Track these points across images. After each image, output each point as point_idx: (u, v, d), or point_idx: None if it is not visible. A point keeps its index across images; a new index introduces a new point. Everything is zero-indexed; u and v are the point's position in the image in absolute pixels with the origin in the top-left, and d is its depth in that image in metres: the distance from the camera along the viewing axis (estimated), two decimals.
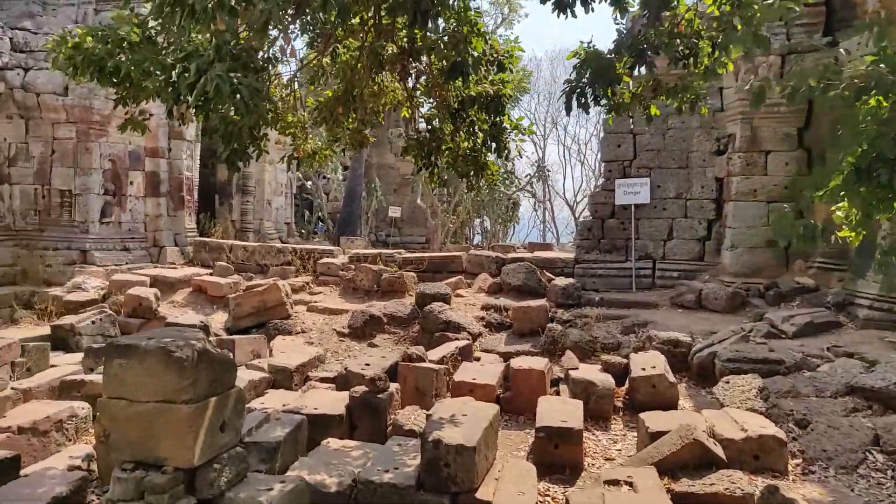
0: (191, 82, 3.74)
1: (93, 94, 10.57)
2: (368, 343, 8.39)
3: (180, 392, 3.52)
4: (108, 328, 8.36)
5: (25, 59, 10.76)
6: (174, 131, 12.20)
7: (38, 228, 10.94)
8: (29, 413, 5.22)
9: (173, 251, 11.95)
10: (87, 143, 10.77)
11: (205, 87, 3.59)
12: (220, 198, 14.28)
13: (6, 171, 10.80)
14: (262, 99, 4.32)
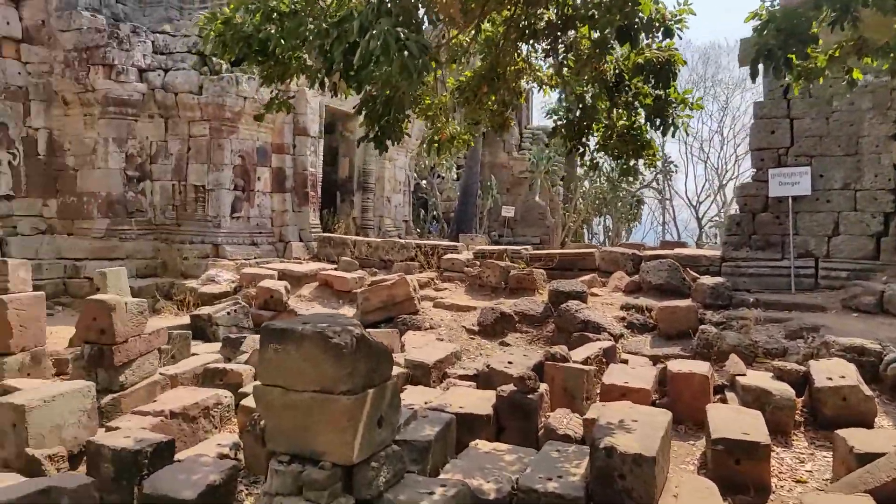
0: (350, 43, 3.46)
1: (225, 92, 10.85)
2: (500, 342, 7.99)
3: (339, 381, 3.23)
4: (242, 319, 8.44)
5: (165, 61, 11.20)
6: (299, 128, 12.37)
7: (176, 223, 11.37)
8: (178, 399, 5.20)
9: (298, 246, 12.09)
10: (220, 140, 11.07)
11: (368, 46, 3.29)
12: (342, 194, 14.39)
13: (148, 168, 11.29)
14: (432, 58, 3.99)
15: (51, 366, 6.85)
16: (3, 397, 4.16)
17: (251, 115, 11.34)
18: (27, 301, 6.61)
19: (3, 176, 10.55)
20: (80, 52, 10.45)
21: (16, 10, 10.69)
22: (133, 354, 5.56)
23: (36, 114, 10.91)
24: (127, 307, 5.45)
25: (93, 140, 10.87)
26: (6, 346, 6.37)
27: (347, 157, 14.39)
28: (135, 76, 10.68)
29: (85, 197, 10.96)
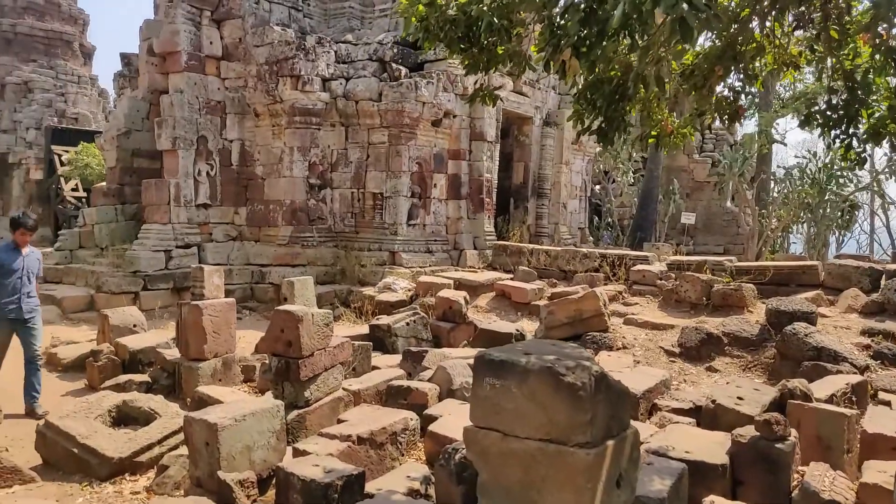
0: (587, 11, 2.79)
1: (404, 98, 10.70)
2: (706, 366, 6.94)
3: (574, 430, 2.56)
4: (421, 331, 8.10)
5: (347, 70, 11.31)
6: (475, 132, 11.98)
7: (354, 230, 11.42)
8: (364, 420, 4.82)
9: (473, 254, 11.68)
10: (398, 147, 10.94)
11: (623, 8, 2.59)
12: (516, 201, 13.85)
13: (329, 176, 11.46)
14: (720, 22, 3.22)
15: (239, 372, 6.88)
16: (197, 413, 3.96)
17: (429, 120, 11.14)
18: (220, 307, 6.68)
19: (202, 185, 11.18)
20: (271, 65, 10.81)
21: (217, 30, 11.33)
22: (318, 368, 5.30)
23: (231, 126, 11.48)
24: (313, 318, 5.19)
25: (280, 149, 11.21)
26: (200, 351, 6.46)
27: (522, 162, 13.82)
28: (318, 86, 10.86)
29: (271, 205, 11.33)
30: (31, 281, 6.03)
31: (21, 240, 5.99)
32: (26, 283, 5.96)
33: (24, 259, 5.97)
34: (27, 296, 5.96)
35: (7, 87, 24.57)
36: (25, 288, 5.94)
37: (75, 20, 26.73)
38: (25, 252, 6.03)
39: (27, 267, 5.98)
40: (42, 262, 6.44)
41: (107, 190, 12.55)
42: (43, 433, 4.86)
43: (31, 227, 5.99)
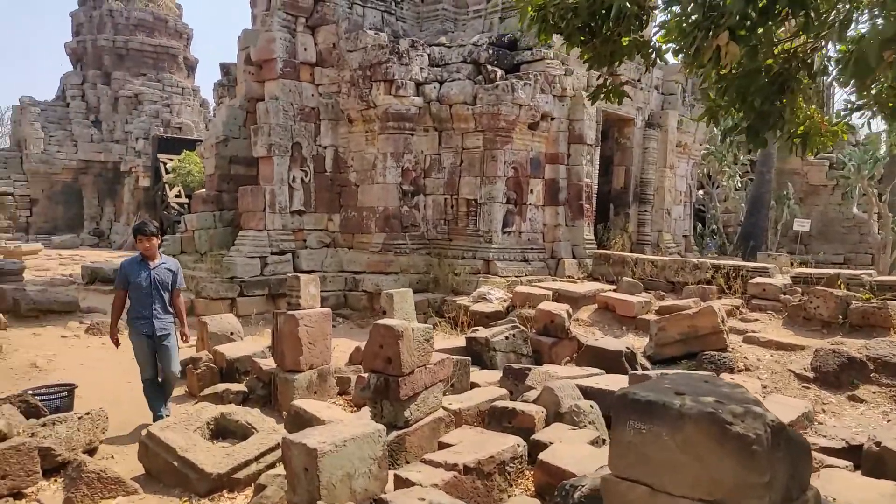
0: None
1: (500, 101, 10.30)
2: (847, 395, 6.16)
3: (746, 493, 2.08)
4: (521, 345, 7.64)
5: (440, 73, 11.03)
6: (574, 135, 11.42)
7: (447, 237, 11.11)
8: (468, 445, 4.43)
9: (571, 264, 11.11)
10: (493, 151, 10.55)
11: None
12: (615, 207, 13.15)
13: (422, 182, 11.21)
14: None
15: (334, 384, 6.66)
16: (296, 436, 3.68)
17: (526, 123, 10.70)
18: (316, 317, 6.47)
19: (297, 192, 11.18)
20: (365, 70, 10.68)
21: (311, 37, 11.33)
22: (418, 387, 4.95)
23: (325, 132, 11.44)
24: (413, 334, 4.85)
25: (373, 155, 11.06)
26: (296, 362, 6.26)
27: (623, 166, 13.11)
28: (412, 90, 10.64)
29: (364, 211, 11.20)
30: (164, 295, 5.57)
31: (144, 249, 5.53)
32: (157, 299, 5.52)
33: (152, 272, 5.52)
34: (158, 312, 5.52)
35: (120, 99, 26.01)
36: (156, 304, 5.51)
37: (180, 35, 28.02)
38: (154, 264, 5.58)
39: (156, 280, 5.53)
40: (178, 271, 5.79)
41: (206, 197, 12.82)
42: (145, 444, 4.77)
43: (148, 233, 5.52)
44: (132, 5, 26.30)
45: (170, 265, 5.73)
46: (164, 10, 27.33)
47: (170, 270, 5.67)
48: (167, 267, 5.69)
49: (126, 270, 5.59)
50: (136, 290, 5.49)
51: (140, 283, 5.47)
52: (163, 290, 5.57)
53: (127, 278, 5.54)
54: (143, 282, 5.47)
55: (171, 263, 5.78)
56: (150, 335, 5.50)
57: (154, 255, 5.62)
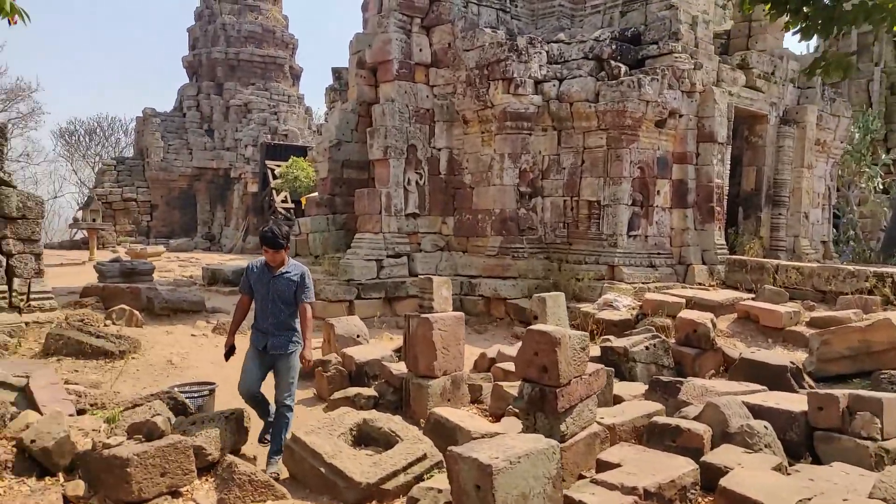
0: None
1: (625, 97, 9.75)
2: None
3: None
4: (662, 356, 7.08)
5: (560, 70, 10.60)
6: (703, 133, 10.68)
7: (567, 241, 10.64)
8: (637, 465, 3.99)
9: (701, 270, 10.37)
10: (618, 150, 9.99)
11: None
12: (745, 210, 12.23)
13: (540, 184, 10.79)
14: None
15: (467, 392, 6.35)
16: (463, 450, 3.37)
17: (652, 121, 10.09)
18: (450, 321, 6.19)
19: (411, 195, 11.03)
20: (482, 69, 10.40)
21: (427, 37, 11.19)
22: (574, 399, 4.54)
23: (439, 134, 11.25)
24: (570, 341, 4.45)
25: (489, 157, 10.75)
26: (430, 368, 6.00)
27: (754, 167, 12.19)
28: (531, 88, 10.26)
29: (480, 214, 10.90)
30: (283, 309, 4.83)
31: (269, 257, 4.84)
32: (273, 313, 4.81)
33: (272, 282, 4.82)
34: (273, 328, 4.83)
35: (231, 109, 27.11)
36: (272, 318, 4.82)
37: (286, 45, 28.94)
38: (277, 272, 4.85)
39: (275, 292, 4.81)
40: (305, 281, 4.91)
41: (319, 200, 12.92)
42: (291, 448, 4.62)
43: (273, 246, 4.78)
44: (243, 18, 27.39)
45: (294, 275, 4.87)
46: (271, 22, 28.29)
47: (293, 281, 4.84)
48: (290, 277, 4.85)
49: (249, 274, 4.97)
50: (257, 298, 4.93)
51: (260, 292, 4.89)
52: (281, 304, 4.82)
53: (250, 282, 4.95)
54: (262, 291, 4.86)
55: (297, 272, 4.90)
56: (264, 349, 4.89)
57: (276, 261, 4.87)
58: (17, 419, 4.49)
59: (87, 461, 4.02)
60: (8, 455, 4.08)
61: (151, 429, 4.14)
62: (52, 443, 4.04)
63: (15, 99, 29.44)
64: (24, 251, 8.26)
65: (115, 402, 5.40)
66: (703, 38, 10.71)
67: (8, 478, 3.97)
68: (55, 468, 4.07)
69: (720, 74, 10.94)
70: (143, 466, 3.93)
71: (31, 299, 8.18)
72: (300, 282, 4.87)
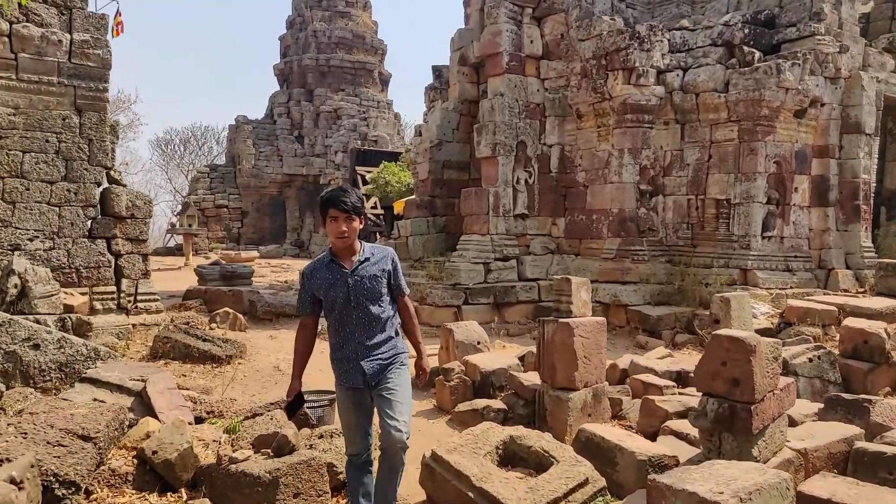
0: None
1: (761, 85, 8.86)
2: None
3: None
4: (827, 370, 6.22)
5: (684, 59, 9.80)
6: (848, 123, 9.63)
7: (691, 243, 9.79)
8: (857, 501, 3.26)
9: (846, 275, 9.31)
10: (752, 143, 9.09)
11: None
12: (889, 210, 11.01)
13: (661, 182, 10.00)
14: None
15: (609, 406, 5.70)
16: (671, 481, 2.75)
17: (791, 111, 9.15)
18: (591, 327, 5.56)
19: (520, 194, 10.47)
20: (599, 59, 9.73)
21: (538, 28, 10.63)
22: (767, 419, 3.85)
23: (550, 130, 10.65)
24: (764, 350, 3.77)
25: (606, 153, 10.05)
26: (570, 379, 5.38)
27: None
28: (653, 79, 9.50)
29: (594, 214, 10.20)
30: (373, 311, 3.25)
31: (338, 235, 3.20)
32: (361, 322, 3.25)
33: (350, 278, 3.23)
34: (365, 344, 3.24)
35: (321, 115, 27.39)
36: (360, 331, 3.25)
37: (376, 50, 29.05)
38: (353, 263, 3.25)
39: (358, 290, 3.23)
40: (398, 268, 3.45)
41: (419, 202, 12.55)
42: (431, 467, 4.11)
43: (344, 207, 3.18)
44: (333, 24, 27.65)
45: (378, 258, 3.33)
46: (361, 28, 28.46)
47: (382, 271, 3.32)
48: (375, 262, 3.30)
49: (309, 282, 3.30)
50: (331, 312, 3.28)
51: (333, 300, 3.23)
52: (370, 306, 3.24)
53: (314, 294, 3.30)
54: (338, 299, 3.22)
55: (381, 255, 3.36)
56: (360, 386, 3.27)
57: (351, 247, 3.26)
58: (136, 427, 4.18)
59: (212, 476, 3.63)
60: (129, 467, 3.75)
61: (282, 443, 3.73)
62: (175, 455, 3.68)
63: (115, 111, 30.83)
64: (133, 251, 8.21)
65: (232, 411, 5.05)
66: (847, 18, 9.67)
67: (129, 493, 3.63)
68: (178, 483, 3.72)
69: (866, 59, 9.85)
70: (276, 485, 3.52)
71: (137, 301, 8.11)
72: (393, 269, 3.38)
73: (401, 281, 3.46)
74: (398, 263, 3.48)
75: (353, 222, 3.23)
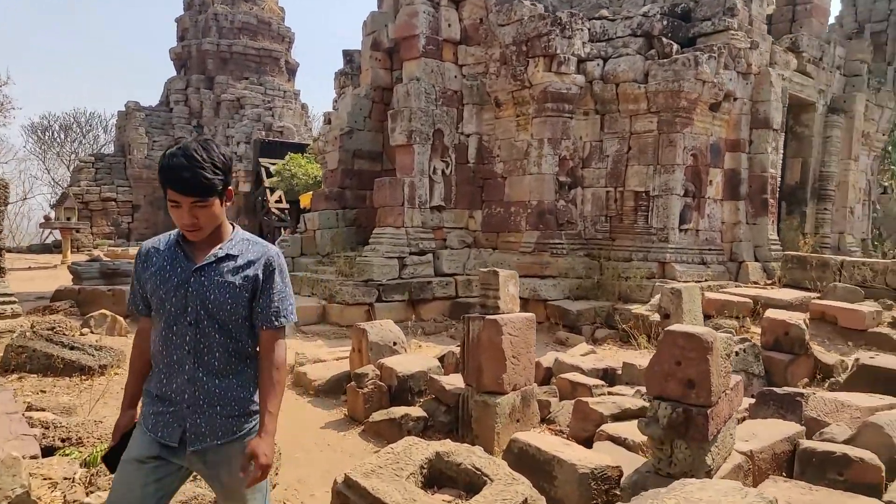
0: None
1: (679, 76, 8.77)
2: None
3: None
4: (752, 363, 6.08)
5: (604, 48, 9.60)
6: (758, 119, 9.75)
7: (609, 236, 9.62)
8: None
9: (755, 267, 9.42)
10: (671, 135, 9.00)
11: None
12: (789, 205, 11.30)
13: (580, 174, 9.77)
14: None
15: (537, 410, 5.30)
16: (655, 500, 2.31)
17: (707, 104, 9.13)
18: (520, 325, 5.14)
19: (437, 185, 9.98)
20: (519, 45, 9.37)
21: (456, 12, 10.15)
22: (720, 423, 3.52)
23: (468, 118, 10.21)
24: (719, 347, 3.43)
25: (525, 143, 9.71)
26: (497, 382, 4.93)
27: (799, 158, 11.28)
28: (574, 67, 9.24)
29: (513, 207, 9.86)
30: (218, 343, 2.10)
31: (182, 218, 2.03)
32: (200, 351, 2.08)
33: (196, 280, 2.08)
34: (202, 391, 2.09)
35: (222, 104, 25.87)
36: (199, 363, 2.09)
37: (283, 38, 27.76)
38: (208, 256, 2.10)
39: (199, 301, 2.07)
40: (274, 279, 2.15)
41: (328, 194, 11.83)
42: (344, 495, 3.50)
43: (190, 191, 1.97)
44: (237, 8, 26.17)
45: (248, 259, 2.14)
46: (267, 13, 27.10)
47: (245, 277, 2.11)
48: (240, 266, 2.12)
49: (142, 266, 2.17)
50: (156, 320, 2.15)
51: (161, 304, 2.10)
52: (217, 325, 2.10)
53: (141, 286, 2.18)
54: (168, 301, 2.09)
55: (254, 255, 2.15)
56: (172, 444, 2.10)
57: (215, 234, 2.12)
58: None
59: None
60: None
61: None
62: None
63: None
64: None
65: (95, 436, 4.09)
66: (757, 16, 9.79)
67: None
68: None
69: (773, 57, 10.02)
70: None
71: None
72: (265, 280, 2.14)
73: (273, 302, 2.13)
74: (279, 273, 2.16)
75: (209, 207, 2.01)
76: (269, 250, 2.19)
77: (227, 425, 2.12)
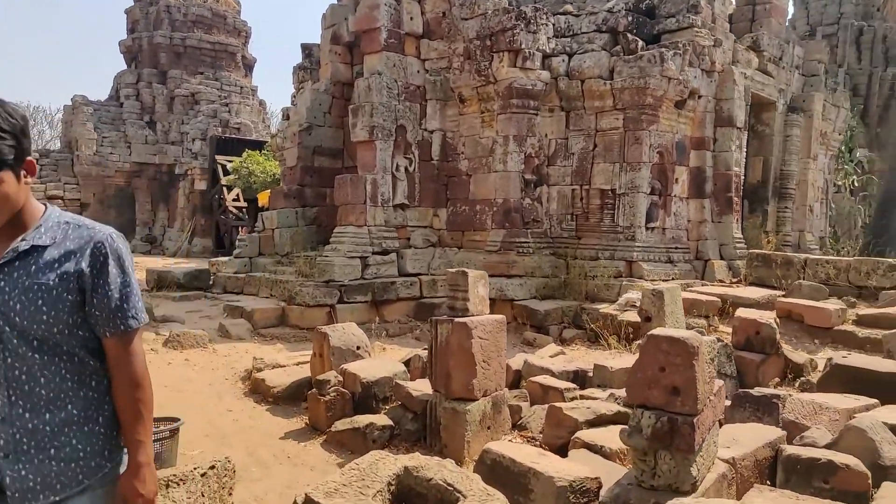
0: None
1: (645, 73, 8.68)
2: None
3: None
4: (725, 364, 5.96)
5: (569, 44, 9.47)
6: (722, 117, 9.74)
7: (575, 235, 9.49)
8: None
9: (721, 266, 9.41)
10: (637, 132, 8.91)
11: None
12: (751, 203, 11.36)
13: (545, 171, 9.61)
14: None
15: (508, 416, 5.08)
16: None
17: (673, 101, 9.06)
18: (490, 327, 4.92)
19: (401, 183, 9.70)
20: (484, 39, 9.16)
21: (418, 4, 9.89)
22: (705, 431, 3.34)
23: (431, 114, 9.96)
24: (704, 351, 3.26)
25: (490, 140, 9.51)
26: (467, 388, 4.70)
27: (761, 157, 11.35)
28: (539, 63, 9.07)
29: (478, 205, 9.65)
30: (36, 359, 1.55)
31: None
32: (12, 372, 1.54)
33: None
34: (21, 426, 1.54)
35: (176, 99, 25.04)
36: (18, 393, 1.54)
37: (239, 32, 27.02)
38: (5, 254, 1.54)
39: (2, 310, 1.52)
40: (108, 271, 1.60)
41: (287, 191, 11.45)
42: None
43: None
44: (190, 1, 25.36)
45: (67, 249, 1.59)
46: (222, 6, 26.34)
47: (66, 273, 1.57)
48: (56, 259, 1.57)
49: None
50: None
51: None
52: (31, 342, 1.55)
53: None
54: None
55: (74, 243, 1.60)
56: None
57: (16, 221, 1.57)
58: None
59: None
60: None
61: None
62: None
63: None
64: None
65: None
66: (719, 14, 9.78)
67: None
68: None
69: (735, 55, 10.04)
70: None
71: None
72: (92, 272, 1.60)
73: (113, 300, 1.61)
74: (115, 261, 1.63)
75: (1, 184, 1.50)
76: (96, 233, 1.62)
77: (68, 473, 1.57)
